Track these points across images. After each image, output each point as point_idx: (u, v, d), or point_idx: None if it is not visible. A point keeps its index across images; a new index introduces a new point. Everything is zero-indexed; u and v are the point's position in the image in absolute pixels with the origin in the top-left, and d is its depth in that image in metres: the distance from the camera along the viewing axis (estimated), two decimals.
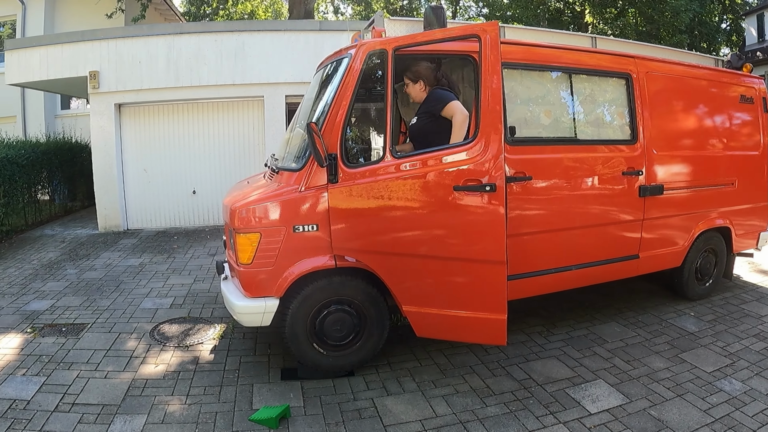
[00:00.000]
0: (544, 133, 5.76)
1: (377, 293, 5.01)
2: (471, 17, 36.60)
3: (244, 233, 4.72)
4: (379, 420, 4.34)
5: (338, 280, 4.91)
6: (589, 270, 5.96)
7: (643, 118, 6.08)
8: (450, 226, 4.72)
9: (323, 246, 4.74)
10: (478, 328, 4.83)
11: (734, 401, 4.56)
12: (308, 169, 4.66)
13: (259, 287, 4.79)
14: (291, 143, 5.63)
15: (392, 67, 4.67)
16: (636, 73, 6.08)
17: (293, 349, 4.98)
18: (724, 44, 31.84)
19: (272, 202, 4.72)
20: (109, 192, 12.27)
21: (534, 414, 4.41)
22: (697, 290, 7.07)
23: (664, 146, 6.26)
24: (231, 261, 5.26)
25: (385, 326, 5.13)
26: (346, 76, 4.73)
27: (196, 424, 4.28)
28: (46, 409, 4.49)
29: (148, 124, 12.58)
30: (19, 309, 6.92)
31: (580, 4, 25.10)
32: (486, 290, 4.73)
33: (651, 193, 6.10)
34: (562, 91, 5.86)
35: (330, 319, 4.95)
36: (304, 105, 5.90)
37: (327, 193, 4.64)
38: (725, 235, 7.10)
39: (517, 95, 5.54)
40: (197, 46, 12.14)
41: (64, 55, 12.15)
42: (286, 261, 4.73)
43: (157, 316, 6.65)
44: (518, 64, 5.46)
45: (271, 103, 12.40)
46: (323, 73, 5.67)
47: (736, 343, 5.73)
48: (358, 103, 5.17)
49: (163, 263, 9.22)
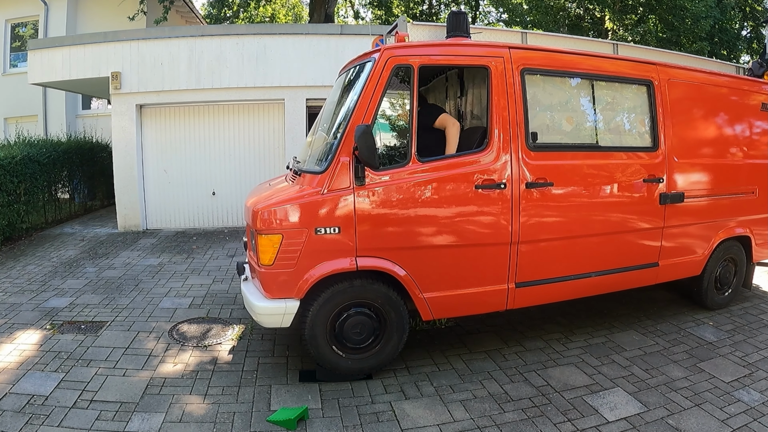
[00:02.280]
0: (566, 139, 5.76)
1: (397, 296, 5.05)
2: (491, 23, 36.50)
3: (266, 234, 4.74)
4: (397, 424, 4.35)
5: (359, 283, 4.94)
6: (609, 277, 5.92)
7: (664, 126, 6.04)
8: (469, 217, 5.08)
9: (345, 248, 4.78)
10: (485, 300, 5.35)
11: (752, 411, 4.53)
12: (331, 172, 4.70)
13: (280, 289, 4.81)
14: (314, 146, 5.67)
15: (417, 82, 4.91)
16: (657, 80, 6.04)
17: (312, 352, 4.99)
18: (745, 51, 31.56)
19: (294, 204, 4.75)
20: (129, 192, 12.37)
21: (552, 421, 4.39)
22: (716, 299, 6.98)
23: (685, 154, 6.20)
24: (252, 262, 5.28)
25: (404, 330, 5.15)
26: (369, 81, 4.80)
27: (214, 424, 4.31)
28: (65, 405, 4.54)
29: (168, 126, 12.66)
30: (38, 306, 7.00)
31: (600, 10, 24.94)
32: (494, 267, 5.28)
33: (672, 200, 6.05)
34: (583, 98, 5.85)
35: (350, 321, 4.98)
36: (326, 108, 5.97)
37: (353, 195, 4.71)
38: (745, 244, 7.01)
39: (538, 101, 5.54)
40: (219, 48, 12.20)
41: (86, 56, 12.26)
42: (307, 263, 4.75)
43: (176, 315, 6.69)
44: (540, 70, 5.46)
45: (292, 106, 12.44)
46: (346, 77, 5.72)
47: (754, 354, 5.68)
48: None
49: (182, 263, 9.28)
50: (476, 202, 5.07)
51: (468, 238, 5.11)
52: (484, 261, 5.25)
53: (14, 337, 5.94)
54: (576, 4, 26.04)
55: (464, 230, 5.09)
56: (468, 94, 6.37)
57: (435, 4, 35.19)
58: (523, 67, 5.26)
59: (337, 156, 4.71)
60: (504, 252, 5.27)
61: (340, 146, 4.72)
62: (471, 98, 6.29)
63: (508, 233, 5.21)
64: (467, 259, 5.18)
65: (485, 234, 5.17)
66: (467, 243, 5.13)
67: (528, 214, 5.26)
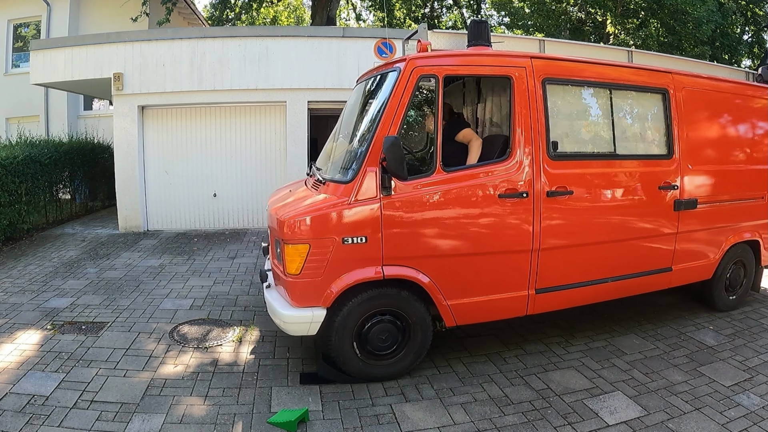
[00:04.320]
0: (585, 148, 5.89)
1: (421, 304, 5.10)
2: (492, 26, 36.54)
3: (293, 244, 4.76)
4: (397, 426, 4.36)
5: (384, 291, 4.99)
6: (624, 282, 6.01)
7: (678, 133, 6.15)
8: (492, 226, 5.16)
9: (371, 257, 4.83)
10: (507, 306, 5.39)
11: (752, 416, 4.54)
12: (358, 182, 4.75)
13: (307, 297, 4.85)
14: (334, 153, 5.78)
15: (442, 92, 5.00)
16: (672, 88, 6.14)
17: (338, 359, 5.03)
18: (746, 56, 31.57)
19: (322, 214, 4.78)
20: (130, 193, 12.36)
21: (552, 424, 4.40)
22: (726, 302, 7.11)
23: (698, 161, 6.31)
24: (276, 270, 5.27)
25: (428, 335, 5.20)
26: (395, 91, 4.86)
27: (215, 425, 4.32)
28: (65, 405, 4.55)
29: (170, 127, 12.66)
30: (39, 306, 7.00)
31: (601, 14, 24.96)
32: (515, 274, 5.33)
33: (686, 207, 6.16)
34: (601, 106, 5.94)
35: (375, 329, 5.03)
36: (346, 116, 6.09)
37: (379, 205, 4.75)
38: (754, 247, 7.15)
39: (558, 110, 5.62)
40: (221, 50, 12.21)
41: (88, 57, 12.27)
42: (334, 272, 4.80)
43: (177, 317, 6.70)
44: (561, 80, 5.54)
45: (294, 108, 12.44)
46: (366, 86, 5.82)
47: (755, 358, 5.69)
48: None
49: (183, 265, 9.28)
50: (499, 210, 5.16)
51: (491, 245, 5.20)
52: (506, 268, 5.32)
53: (15, 337, 5.95)
54: (577, 8, 26.07)
55: (487, 238, 5.18)
56: (486, 101, 6.51)
57: (437, 8, 35.26)
58: (544, 76, 5.34)
59: (363, 166, 4.77)
60: (525, 259, 5.34)
61: (367, 156, 4.78)
62: (490, 106, 6.42)
63: (529, 241, 5.29)
64: (489, 267, 5.25)
65: (507, 242, 5.25)
66: (490, 251, 5.21)
67: (548, 221, 5.34)
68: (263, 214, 12.84)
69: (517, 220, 5.22)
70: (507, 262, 5.30)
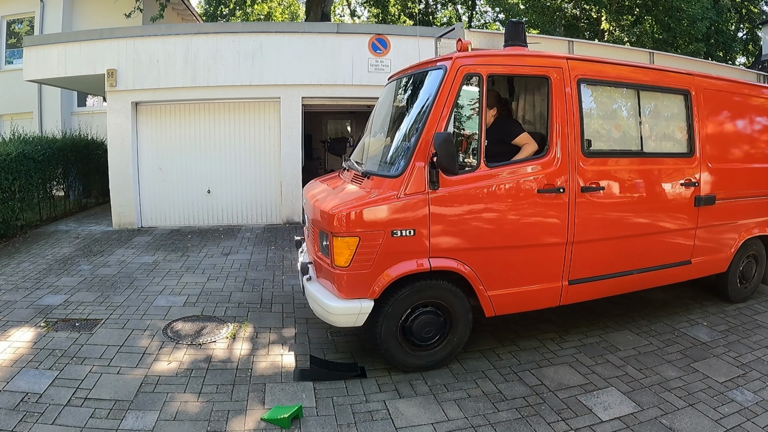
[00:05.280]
0: (615, 146, 6.18)
1: (464, 295, 5.25)
2: (487, 22, 36.57)
3: (342, 237, 4.82)
4: (391, 422, 4.36)
5: (430, 283, 5.11)
6: (648, 274, 6.26)
7: (699, 132, 6.41)
8: (531, 219, 5.36)
9: (419, 250, 4.95)
10: (542, 297, 5.60)
11: (746, 412, 4.55)
12: (407, 176, 4.85)
13: (355, 289, 4.92)
14: (372, 148, 5.96)
15: (486, 90, 5.15)
16: (694, 89, 6.41)
17: (383, 350, 5.13)
18: (741, 53, 31.63)
19: (373, 208, 4.84)
20: (124, 189, 12.33)
21: (546, 420, 4.41)
22: (739, 294, 7.40)
23: (717, 159, 6.58)
24: (321, 263, 5.29)
25: (468, 324, 5.33)
26: (442, 89, 4.99)
27: (209, 422, 4.31)
28: (59, 402, 4.54)
29: (164, 123, 12.64)
30: (32, 303, 6.98)
31: (596, 11, 24.96)
32: (551, 266, 5.55)
33: (705, 203, 6.43)
34: (630, 106, 6.21)
35: (420, 320, 5.13)
36: (380, 112, 6.31)
37: (427, 199, 4.87)
38: (766, 242, 7.47)
39: (591, 109, 5.86)
40: (215, 46, 12.19)
41: (82, 53, 12.23)
42: (383, 264, 4.90)
43: (171, 313, 6.68)
44: (594, 80, 5.77)
45: (288, 104, 12.44)
46: (403, 83, 6.02)
47: (748, 354, 5.71)
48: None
49: (177, 261, 9.26)
50: (537, 205, 5.35)
51: (529, 238, 5.39)
52: (542, 260, 5.53)
53: (8, 335, 5.93)
54: (572, 4, 26.07)
55: (526, 231, 5.37)
56: (519, 99, 6.77)
57: (432, 3, 35.26)
58: (579, 77, 5.55)
59: (412, 161, 4.87)
60: (560, 252, 5.55)
61: (415, 151, 4.89)
62: (523, 104, 6.72)
63: (564, 234, 5.50)
64: (527, 259, 5.44)
65: (545, 235, 5.45)
66: (528, 243, 5.40)
67: (582, 215, 5.56)
68: (258, 210, 12.88)
69: (554, 213, 5.42)
70: (543, 255, 5.50)
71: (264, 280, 8.18)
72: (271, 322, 6.45)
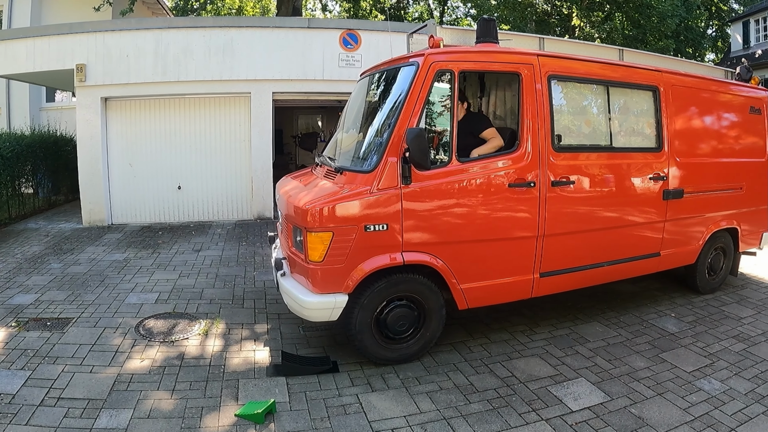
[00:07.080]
0: (585, 141, 6.23)
1: (438, 289, 5.33)
2: (458, 18, 36.71)
3: (316, 232, 4.84)
4: (364, 415, 4.39)
5: (405, 276, 5.16)
6: (618, 266, 6.40)
7: (668, 128, 6.57)
8: (502, 213, 5.44)
9: (392, 244, 5.00)
10: (514, 289, 5.70)
11: (713, 400, 4.65)
12: (380, 171, 4.89)
13: (329, 284, 4.95)
14: (344, 144, 6.03)
15: (458, 86, 5.23)
16: (662, 86, 6.55)
17: (357, 344, 5.17)
18: (710, 50, 32.08)
19: (346, 203, 4.87)
20: (94, 186, 12.19)
21: (517, 411, 4.47)
22: (708, 285, 7.61)
23: (685, 153, 6.74)
24: (295, 258, 5.30)
25: (442, 319, 5.41)
26: (414, 85, 5.05)
27: (182, 419, 4.30)
28: (32, 403, 4.49)
29: (134, 119, 12.51)
30: (3, 303, 6.89)
31: (567, 7, 25.19)
32: (522, 259, 5.64)
33: (673, 196, 6.58)
34: (599, 102, 6.36)
35: (395, 313, 5.19)
36: (353, 108, 6.34)
37: (400, 194, 4.91)
38: (733, 234, 7.64)
39: (561, 105, 6.00)
40: (185, 41, 12.11)
41: (51, 48, 12.06)
42: (356, 259, 4.94)
43: (143, 311, 6.64)
44: (564, 77, 5.90)
45: (258, 99, 12.41)
46: (375, 79, 6.07)
47: (715, 344, 5.83)
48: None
49: (148, 258, 9.20)
50: (509, 199, 5.44)
51: (501, 232, 5.48)
52: (514, 253, 5.62)
53: None
54: (543, 0, 26.25)
55: (498, 225, 5.45)
56: (490, 95, 6.85)
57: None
58: (549, 73, 5.65)
59: (385, 156, 4.92)
60: (531, 245, 5.65)
61: (388, 147, 4.93)
62: (494, 99, 6.80)
63: (535, 227, 5.60)
64: (499, 252, 5.53)
65: (516, 228, 5.55)
66: (500, 237, 5.49)
67: (552, 209, 5.65)
68: (229, 206, 12.83)
69: (525, 207, 5.51)
70: (515, 248, 5.59)
71: (236, 276, 8.16)
72: (243, 318, 6.44)
